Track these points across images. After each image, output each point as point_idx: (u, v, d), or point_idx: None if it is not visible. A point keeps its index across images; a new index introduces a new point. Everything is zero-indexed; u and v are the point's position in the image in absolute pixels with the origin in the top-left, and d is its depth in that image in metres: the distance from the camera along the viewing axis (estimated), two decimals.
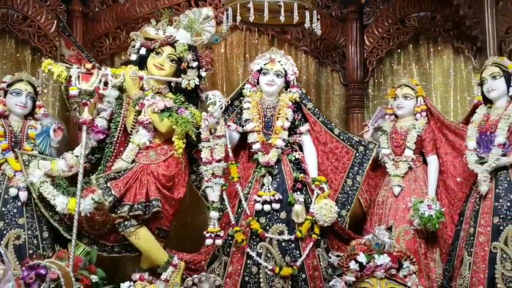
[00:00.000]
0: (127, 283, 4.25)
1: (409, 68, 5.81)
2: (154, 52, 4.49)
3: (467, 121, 4.82)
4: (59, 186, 4.34)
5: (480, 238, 4.29)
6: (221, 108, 4.29)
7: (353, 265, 4.13)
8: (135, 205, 4.21)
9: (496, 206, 4.27)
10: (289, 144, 4.57)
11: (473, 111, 4.72)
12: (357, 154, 4.70)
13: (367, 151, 4.71)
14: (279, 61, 4.62)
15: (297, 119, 4.62)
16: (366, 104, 5.87)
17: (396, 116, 5.04)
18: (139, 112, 4.40)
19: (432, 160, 4.86)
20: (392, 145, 4.92)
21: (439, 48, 5.65)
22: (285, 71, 4.62)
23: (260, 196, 4.36)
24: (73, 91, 4.23)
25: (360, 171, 4.69)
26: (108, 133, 4.45)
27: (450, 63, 5.62)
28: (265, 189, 4.40)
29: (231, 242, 4.38)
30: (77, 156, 4.44)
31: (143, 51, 4.51)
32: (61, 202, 4.29)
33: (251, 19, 4.45)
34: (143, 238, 4.27)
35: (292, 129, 4.60)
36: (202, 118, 4.36)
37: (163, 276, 4.23)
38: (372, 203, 4.95)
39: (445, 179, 4.84)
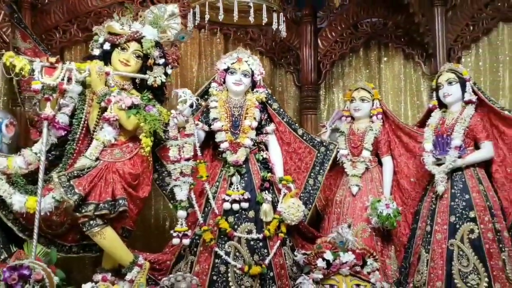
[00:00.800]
0: (89, 284, 4.18)
1: (360, 72, 6.01)
2: (119, 48, 4.43)
3: (420, 124, 5.07)
4: (16, 184, 4.20)
5: (437, 236, 4.51)
6: (191, 107, 4.29)
7: (320, 262, 4.24)
8: (101, 204, 4.13)
9: (452, 205, 4.50)
10: (256, 144, 4.63)
11: (427, 115, 4.97)
12: (318, 155, 4.83)
13: (328, 152, 4.86)
14: (246, 61, 4.67)
15: (263, 119, 4.68)
16: (318, 106, 6.03)
17: (353, 118, 5.21)
18: (104, 109, 4.32)
19: (387, 161, 5.06)
20: (350, 146, 5.08)
21: (390, 53, 5.87)
22: (252, 71, 4.67)
23: (229, 195, 4.38)
24: (36, 86, 4.10)
25: (321, 171, 4.82)
26: (69, 130, 4.35)
27: (401, 68, 5.85)
28: (234, 188, 4.43)
29: (198, 241, 4.37)
30: (36, 153, 4.35)
31: (107, 46, 4.44)
32: (18, 200, 4.13)
33: (221, 18, 4.50)
34: (109, 238, 4.20)
35: (259, 129, 4.66)
36: (170, 116, 4.36)
37: (128, 277, 4.18)
38: (330, 202, 5.10)
39: (399, 179, 5.05)
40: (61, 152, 4.39)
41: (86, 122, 4.36)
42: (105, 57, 4.45)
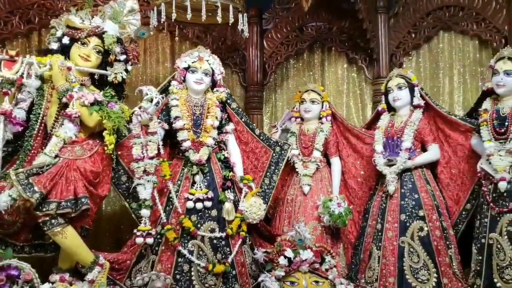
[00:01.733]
0: (46, 285, 4.07)
1: (303, 73, 6.19)
2: (79, 42, 4.34)
3: (368, 126, 5.31)
4: None
5: (388, 233, 4.73)
6: (156, 105, 4.27)
7: (282, 260, 4.33)
8: (63, 203, 4.04)
9: (402, 204, 4.73)
10: (216, 143, 4.68)
11: (375, 117, 5.21)
12: (274, 154, 4.91)
13: (283, 151, 4.96)
14: (207, 60, 4.69)
15: (223, 118, 4.73)
16: (263, 106, 6.15)
17: (302, 119, 5.37)
18: (64, 105, 4.23)
19: (335, 161, 5.24)
20: (301, 147, 5.22)
21: (334, 57, 6.08)
22: (213, 70, 4.71)
23: (193, 194, 4.40)
24: None
25: (276, 170, 4.91)
26: (26, 125, 4.22)
27: (344, 72, 6.08)
28: (197, 187, 4.45)
29: (159, 240, 4.36)
30: None
31: (66, 40, 4.34)
32: None
33: (189, 17, 4.51)
34: (70, 237, 4.11)
35: (219, 128, 4.69)
36: (134, 114, 4.32)
37: (89, 276, 4.11)
38: (281, 201, 5.21)
39: (347, 179, 5.25)
40: (14, 148, 4.26)
41: (44, 118, 4.25)
42: (63, 52, 4.35)
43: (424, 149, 4.92)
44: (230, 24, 4.75)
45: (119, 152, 4.53)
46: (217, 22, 4.65)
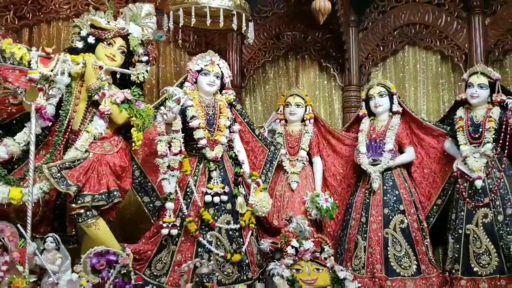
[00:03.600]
0: (75, 275, 4.20)
1: (279, 79, 6.60)
2: (105, 43, 4.50)
3: (347, 129, 5.84)
4: None
5: (373, 225, 5.25)
6: (178, 103, 4.50)
7: (290, 250, 4.72)
8: (96, 195, 4.23)
9: (385, 199, 5.27)
10: (228, 142, 4.97)
11: (355, 121, 5.74)
12: (269, 153, 5.33)
13: (276, 151, 5.37)
14: (218, 64, 4.97)
15: (231, 119, 5.04)
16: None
17: (286, 121, 5.78)
18: (92, 102, 4.38)
19: (317, 160, 5.70)
20: (287, 146, 5.61)
21: (307, 64, 6.53)
22: (222, 73, 4.99)
23: (211, 189, 4.67)
24: (34, 75, 4.05)
25: (271, 168, 5.33)
26: (54, 121, 4.32)
27: (316, 78, 6.55)
28: (214, 182, 4.72)
29: (179, 232, 4.59)
30: (19, 143, 4.26)
31: (91, 39, 4.49)
32: (0, 191, 4.08)
33: (193, 23, 4.76)
34: (102, 229, 4.30)
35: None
36: (159, 112, 4.52)
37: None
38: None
39: (327, 177, 5.72)
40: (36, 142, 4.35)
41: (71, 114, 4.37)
42: (88, 51, 4.49)
43: (400, 151, 5.50)
44: (236, 31, 5.06)
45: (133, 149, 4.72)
46: (219, 28, 4.95)
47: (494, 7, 5.95)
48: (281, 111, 5.80)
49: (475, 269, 4.89)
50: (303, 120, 5.72)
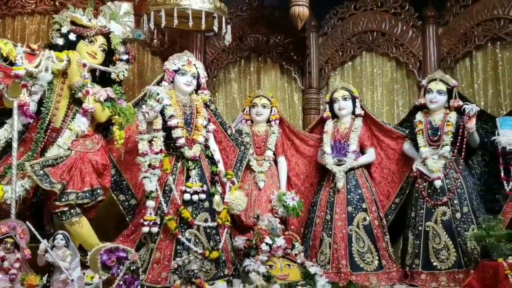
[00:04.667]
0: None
1: (241, 80, 6.69)
2: (86, 40, 4.47)
3: (311, 130, 6.01)
4: None
5: (337, 223, 5.43)
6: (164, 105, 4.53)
7: (264, 246, 4.84)
8: (80, 193, 4.22)
9: (348, 198, 5.48)
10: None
11: (318, 123, 5.93)
12: (239, 152, 5.44)
13: (245, 150, 5.49)
14: (195, 64, 5.03)
15: (207, 119, 5.09)
16: None
17: (251, 121, 5.89)
18: (74, 99, 4.34)
19: (282, 160, 5.85)
20: (254, 147, 5.73)
21: (269, 66, 6.65)
22: (198, 73, 5.05)
23: (190, 187, 4.72)
24: (19, 71, 4.02)
25: (241, 167, 5.46)
26: (35, 118, 4.26)
27: (278, 80, 6.68)
28: (192, 181, 4.77)
29: (158, 229, 4.61)
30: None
31: (72, 37, 4.46)
32: None
33: (175, 25, 4.80)
34: (85, 227, 4.30)
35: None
36: (141, 111, 4.53)
37: None
38: None
39: (290, 177, 5.87)
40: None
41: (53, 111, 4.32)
42: (68, 48, 4.45)
43: (361, 152, 5.72)
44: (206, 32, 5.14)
45: (109, 147, 4.71)
46: (201, 29, 5.02)
47: (447, 18, 6.26)
48: (247, 111, 5.91)
49: (434, 263, 5.15)
50: (268, 121, 5.85)
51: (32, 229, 3.73)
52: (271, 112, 5.85)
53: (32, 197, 4.44)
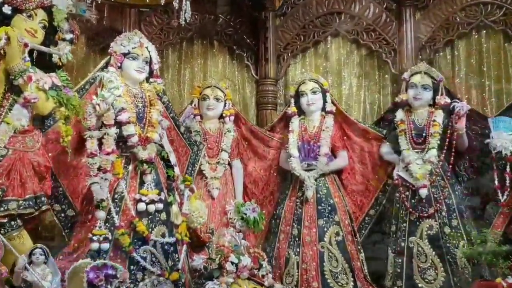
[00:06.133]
0: None
1: (182, 65, 6.92)
2: (24, 14, 4.53)
3: (271, 127, 6.35)
4: None
5: (306, 238, 5.78)
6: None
7: (229, 266, 5.09)
8: (21, 201, 4.30)
9: (319, 209, 5.84)
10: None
11: (281, 120, 6.27)
12: (191, 154, 5.67)
13: (198, 151, 5.73)
14: (147, 47, 5.13)
15: (162, 113, 5.25)
16: None
17: (201, 117, 6.15)
18: (12, 87, 4.42)
19: (237, 164, 6.17)
20: (206, 147, 5.98)
21: (217, 50, 6.93)
22: (151, 58, 5.15)
23: (145, 195, 4.80)
24: None
25: (193, 171, 5.68)
26: None
27: (226, 68, 6.96)
28: (147, 188, 4.88)
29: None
30: None
31: (7, 9, 4.49)
32: None
33: None
34: (27, 242, 4.37)
35: None
36: (91, 103, 4.66)
37: None
38: None
39: (247, 184, 6.19)
40: None
41: None
42: (1, 24, 4.50)
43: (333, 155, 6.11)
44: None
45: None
46: (160, 4, 5.22)
47: (426, 0, 6.70)
48: (195, 105, 6.15)
49: (419, 285, 5.58)
50: (221, 117, 6.12)
51: (6, 242, 3.83)
52: (225, 106, 6.13)
53: None
